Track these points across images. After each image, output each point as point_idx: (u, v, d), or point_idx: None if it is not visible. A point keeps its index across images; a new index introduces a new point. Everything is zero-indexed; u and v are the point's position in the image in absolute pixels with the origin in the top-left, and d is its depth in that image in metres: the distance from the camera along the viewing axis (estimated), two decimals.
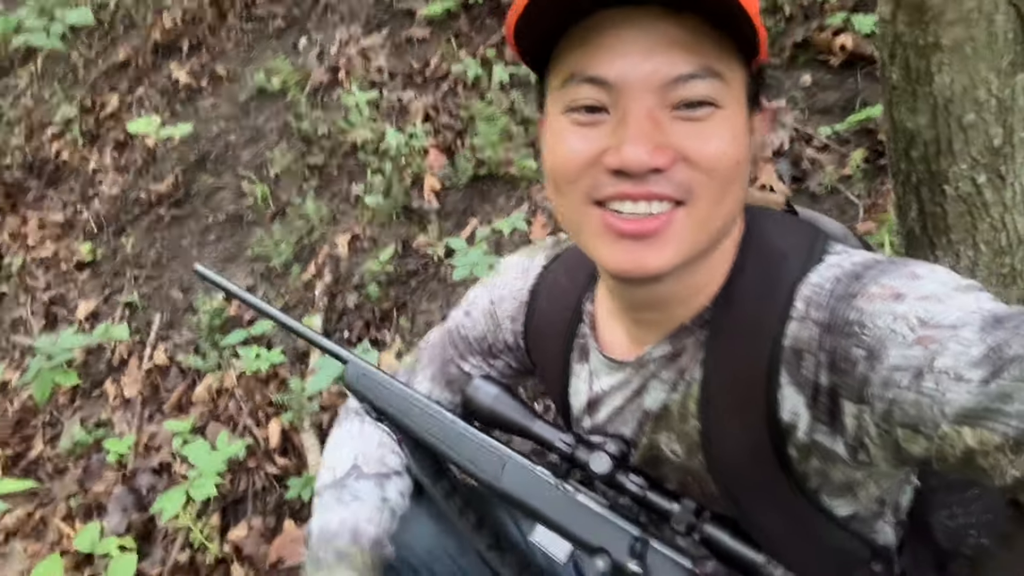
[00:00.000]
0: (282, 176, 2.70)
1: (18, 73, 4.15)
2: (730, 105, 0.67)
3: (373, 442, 1.08)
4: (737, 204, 0.72)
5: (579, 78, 0.66)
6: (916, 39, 0.90)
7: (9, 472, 2.42)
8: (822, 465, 0.75)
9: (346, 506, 1.01)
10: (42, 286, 2.97)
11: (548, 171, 0.73)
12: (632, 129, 0.64)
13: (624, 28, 0.64)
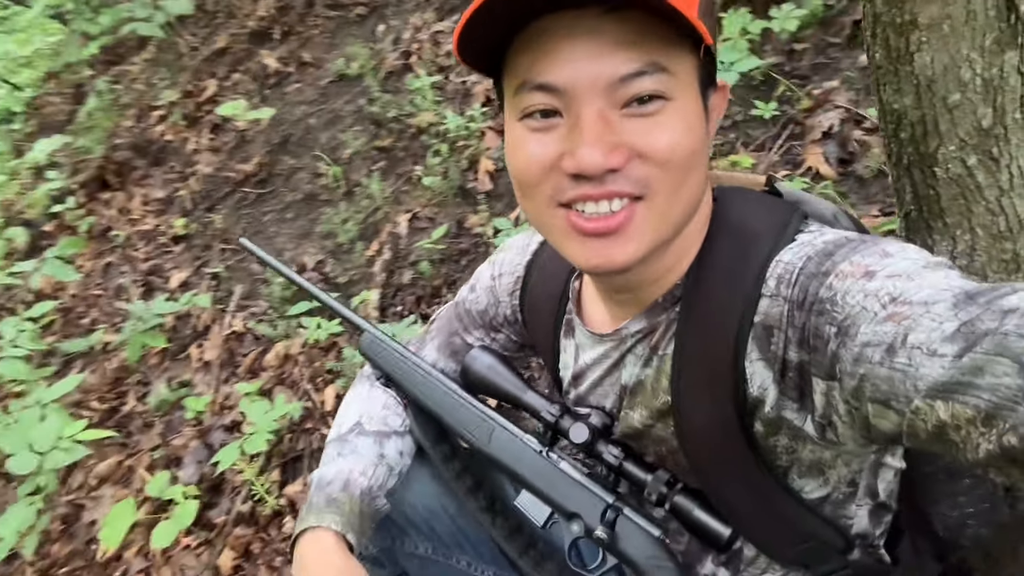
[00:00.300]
0: (354, 158, 2.83)
1: (132, 60, 4.50)
2: (681, 95, 0.68)
3: (379, 404, 1.16)
4: (697, 190, 0.73)
5: (529, 86, 0.68)
6: (894, 17, 0.89)
7: (104, 423, 2.67)
8: (791, 443, 0.77)
9: (344, 458, 1.08)
10: (142, 257, 3.24)
11: (512, 176, 0.76)
12: (585, 133, 0.66)
13: (569, 32, 0.65)
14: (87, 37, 4.31)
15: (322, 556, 0.96)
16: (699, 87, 0.71)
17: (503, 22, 0.66)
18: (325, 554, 0.96)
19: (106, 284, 3.28)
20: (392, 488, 1.10)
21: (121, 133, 3.90)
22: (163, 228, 3.30)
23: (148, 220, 3.39)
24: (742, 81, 2.14)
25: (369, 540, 1.17)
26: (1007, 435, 0.48)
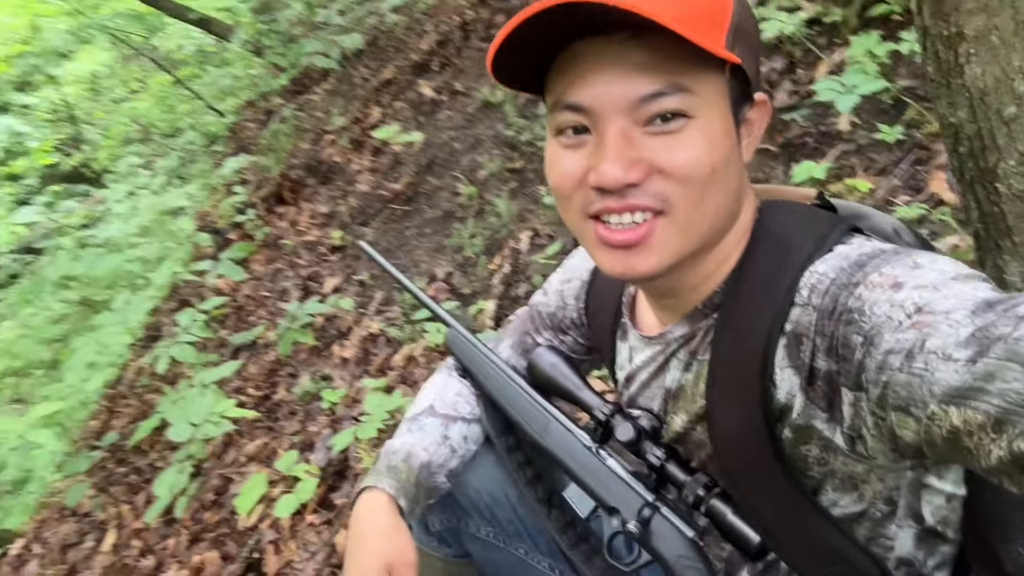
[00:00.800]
0: (489, 178, 3.02)
1: (314, 90, 5.02)
2: (704, 113, 0.71)
3: (452, 391, 1.24)
4: (724, 204, 0.76)
5: (561, 105, 0.74)
6: (941, 30, 0.89)
7: (257, 408, 3.01)
8: (822, 454, 0.77)
9: (412, 434, 1.17)
10: (304, 264, 3.61)
11: (551, 187, 0.82)
12: (607, 149, 0.71)
13: (597, 57, 0.71)
14: (279, 69, 4.87)
15: (372, 514, 1.05)
16: (729, 104, 0.74)
17: (533, 48, 0.73)
18: (375, 512, 1.05)
19: (273, 287, 3.68)
20: (454, 469, 1.19)
21: (298, 154, 4.37)
22: (323, 239, 3.65)
23: (312, 232, 3.77)
24: (868, 104, 2.07)
25: (436, 517, 1.28)
26: (1017, 441, 0.48)
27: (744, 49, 0.73)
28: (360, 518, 1.06)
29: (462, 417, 1.22)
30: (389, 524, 1.04)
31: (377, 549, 1.02)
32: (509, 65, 0.76)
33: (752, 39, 0.77)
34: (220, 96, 6.71)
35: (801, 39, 2.41)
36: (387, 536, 1.03)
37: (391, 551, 1.02)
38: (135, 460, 3.49)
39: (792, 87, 2.42)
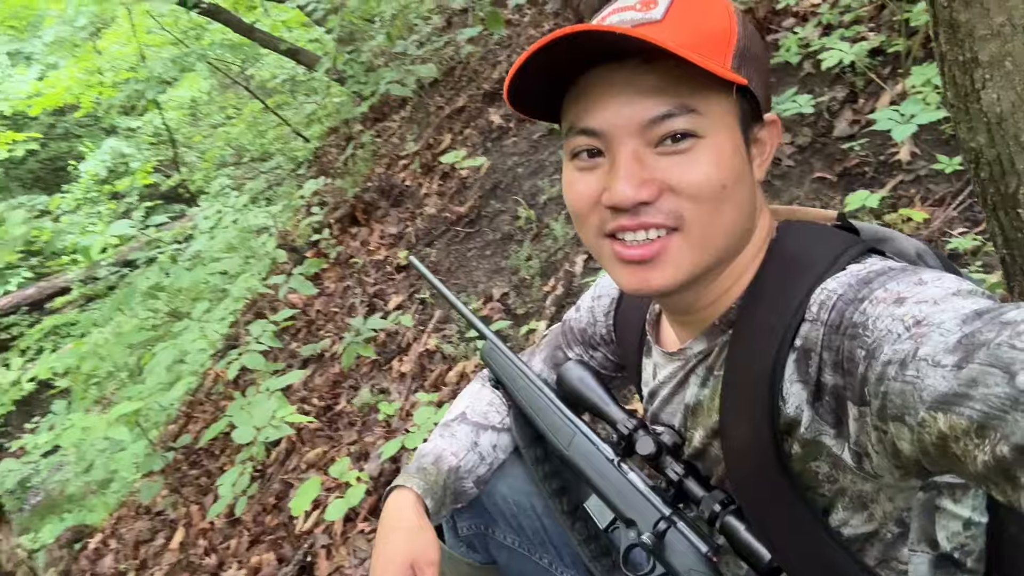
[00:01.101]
0: (548, 203, 3.08)
1: (392, 118, 5.23)
2: (713, 133, 0.74)
3: (484, 401, 1.29)
4: (738, 219, 0.79)
5: (575, 130, 0.78)
6: (957, 56, 0.90)
7: (319, 418, 3.13)
8: (831, 471, 0.78)
9: (443, 439, 1.22)
10: (371, 282, 3.75)
11: (569, 209, 0.86)
12: (620, 170, 0.74)
13: (608, 82, 0.75)
14: (360, 97, 5.10)
15: (399, 512, 1.11)
16: (738, 124, 0.77)
17: (548, 77, 0.78)
18: (402, 511, 1.10)
19: (342, 303, 3.83)
20: (482, 476, 1.23)
21: (373, 178, 4.55)
22: (391, 259, 3.79)
23: (381, 252, 3.91)
24: (928, 135, 2.04)
25: (464, 522, 1.32)
26: (999, 445, 0.49)
27: (751, 71, 0.77)
28: (388, 515, 1.11)
29: (492, 426, 1.26)
30: (414, 522, 1.09)
31: (401, 545, 1.06)
32: (526, 93, 0.81)
33: (760, 61, 0.80)
34: (306, 123, 7.05)
35: (863, 69, 2.39)
36: (412, 534, 1.08)
37: (415, 548, 1.06)
38: (206, 463, 3.68)
39: (853, 116, 2.40)
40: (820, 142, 2.42)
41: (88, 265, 8.75)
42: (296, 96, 8.30)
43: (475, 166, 3.53)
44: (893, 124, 2.00)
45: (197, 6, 5.41)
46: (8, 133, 9.33)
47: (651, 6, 0.77)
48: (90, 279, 8.24)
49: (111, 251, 8.62)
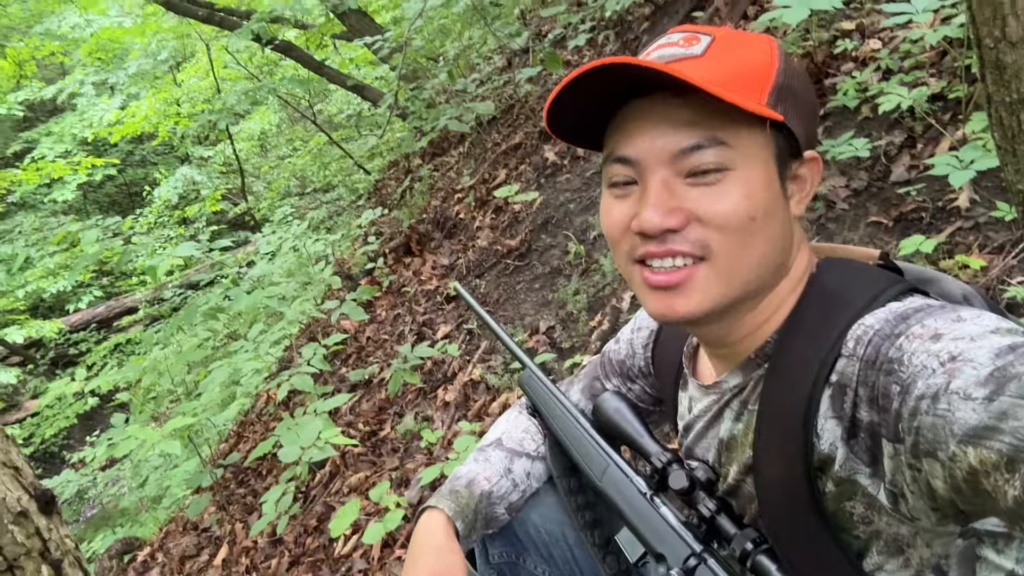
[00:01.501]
0: (598, 239, 3.10)
1: (451, 153, 5.35)
2: (744, 166, 0.76)
3: (520, 428, 1.31)
4: (767, 253, 0.79)
5: (612, 158, 0.81)
6: (1003, 97, 0.90)
7: (364, 443, 3.17)
8: (866, 512, 0.77)
9: (478, 463, 1.23)
10: (421, 311, 3.81)
11: (604, 231, 0.89)
12: (649, 197, 0.77)
13: (644, 114, 0.78)
14: (421, 133, 5.23)
15: (429, 532, 1.12)
16: (773, 158, 0.79)
17: (588, 107, 0.81)
18: (432, 531, 1.11)
19: (392, 330, 3.90)
20: (514, 503, 1.23)
21: (429, 210, 4.65)
22: (441, 289, 3.85)
23: (432, 282, 3.98)
24: (988, 181, 1.99)
25: (496, 549, 1.33)
26: None
27: (790, 107, 0.78)
28: (418, 535, 1.13)
29: (527, 453, 1.26)
30: (443, 543, 1.09)
31: (429, 566, 1.07)
32: (570, 123, 0.85)
33: (801, 99, 0.81)
34: (368, 156, 7.26)
35: (923, 114, 2.36)
36: (440, 554, 1.09)
37: (441, 569, 1.06)
38: (253, 482, 3.75)
39: (910, 162, 2.36)
40: (876, 186, 2.38)
41: (155, 286, 9.10)
42: (360, 131, 8.57)
43: (528, 200, 3.58)
44: (951, 170, 1.97)
45: (271, 42, 5.66)
46: (89, 158, 9.85)
47: (693, 43, 0.80)
48: (156, 300, 8.57)
49: (177, 273, 8.93)
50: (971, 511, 0.63)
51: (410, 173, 5.49)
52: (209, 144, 11.89)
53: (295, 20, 6.27)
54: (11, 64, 9.61)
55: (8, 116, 10.37)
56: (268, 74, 8.18)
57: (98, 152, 11.47)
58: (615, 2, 3.96)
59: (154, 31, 8.78)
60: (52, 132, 10.85)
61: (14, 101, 9.91)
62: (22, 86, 10.39)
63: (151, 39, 9.10)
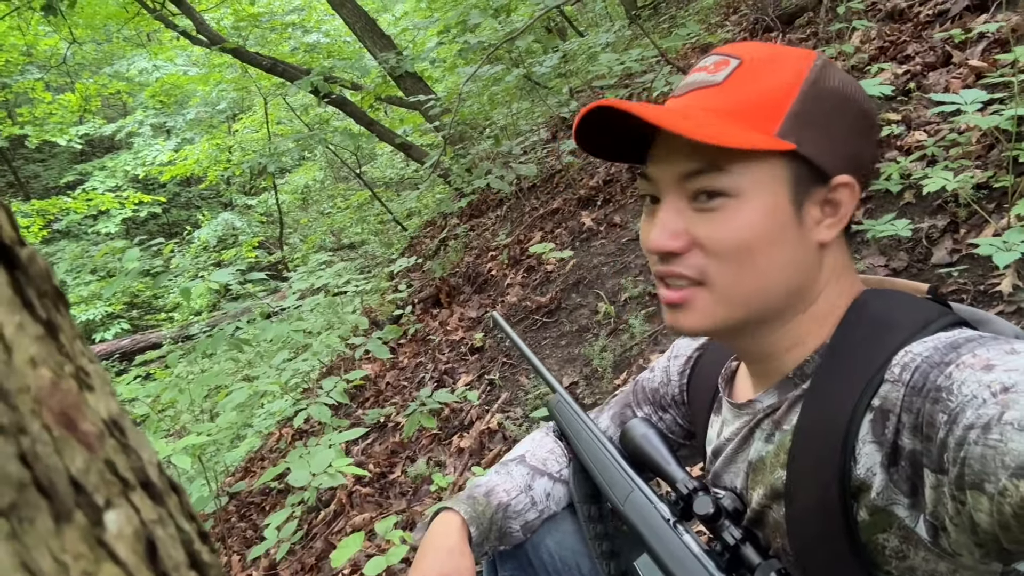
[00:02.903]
0: (628, 301, 3.10)
1: (488, 216, 5.44)
2: (747, 193, 0.76)
3: (545, 448, 1.29)
4: (770, 280, 0.79)
5: (638, 172, 0.86)
6: None
7: (372, 485, 3.12)
8: (901, 545, 0.75)
9: (498, 475, 1.22)
10: (444, 360, 3.80)
11: None
12: (657, 219, 0.80)
13: (663, 136, 0.81)
14: (461, 194, 5.35)
15: (442, 532, 1.10)
16: (787, 186, 0.77)
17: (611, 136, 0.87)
18: (445, 534, 1.09)
19: (413, 377, 3.88)
20: (530, 522, 1.20)
21: (461, 265, 4.70)
22: (466, 340, 3.85)
23: (458, 333, 3.98)
24: None
25: (507, 572, 1.29)
26: None
27: (813, 133, 0.77)
28: (431, 534, 1.11)
29: (549, 473, 1.24)
30: (455, 544, 1.07)
31: (438, 563, 1.05)
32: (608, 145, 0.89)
33: (832, 120, 0.80)
34: (406, 214, 7.41)
35: (967, 200, 2.36)
36: (450, 553, 1.06)
37: (449, 568, 1.04)
38: (255, 517, 3.68)
39: (952, 246, 2.35)
40: (916, 267, 2.37)
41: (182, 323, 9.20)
42: (400, 193, 8.79)
43: (561, 258, 3.60)
44: (995, 251, 1.95)
45: (328, 96, 5.90)
46: (137, 194, 10.17)
47: (721, 68, 0.81)
48: (182, 338, 8.66)
49: (205, 315, 9.04)
50: (1016, 549, 0.60)
51: (446, 230, 5.58)
52: (253, 194, 12.23)
53: (351, 82, 6.54)
54: (78, 99, 10.09)
55: (67, 148, 10.82)
56: (319, 128, 8.48)
57: (147, 190, 11.86)
58: (662, 82, 4.09)
59: (216, 81, 9.21)
60: (106, 167, 11.27)
61: (75, 134, 10.36)
62: (84, 120, 10.87)
63: (213, 89, 9.54)
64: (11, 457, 0.18)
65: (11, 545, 0.18)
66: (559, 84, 5.94)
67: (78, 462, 0.21)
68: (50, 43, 9.55)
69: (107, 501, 0.22)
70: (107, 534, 0.21)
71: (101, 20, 8.52)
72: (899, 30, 3.68)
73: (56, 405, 0.21)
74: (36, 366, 0.21)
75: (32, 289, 0.24)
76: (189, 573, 0.25)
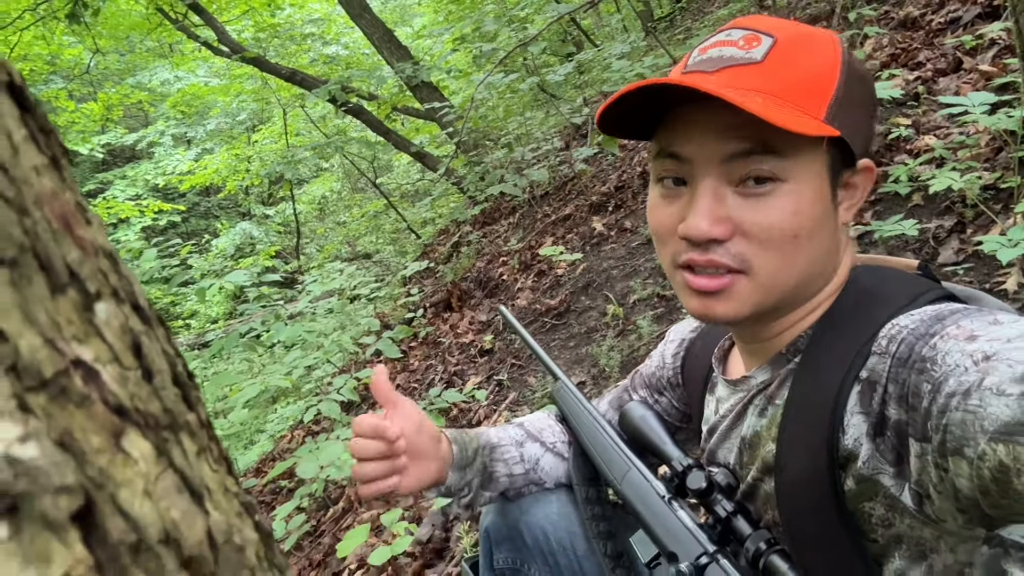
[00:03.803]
0: (637, 303, 3.11)
1: (501, 223, 5.48)
2: (796, 178, 0.74)
3: (544, 422, 1.31)
4: (810, 266, 0.79)
5: (664, 153, 0.80)
6: None
7: None
8: (887, 514, 0.76)
9: (492, 429, 1.25)
10: (454, 362, 3.82)
11: (650, 229, 0.87)
12: (698, 204, 0.76)
13: (698, 115, 0.77)
14: (474, 201, 5.39)
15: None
16: (827, 170, 0.76)
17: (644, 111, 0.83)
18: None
19: (423, 379, 3.91)
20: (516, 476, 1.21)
21: (473, 270, 4.73)
22: (476, 343, 3.87)
23: (468, 336, 4.01)
24: None
25: (501, 555, 1.30)
26: None
27: (847, 118, 0.77)
28: None
29: (542, 441, 1.27)
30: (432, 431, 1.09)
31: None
32: (620, 123, 0.85)
33: (862, 106, 0.80)
34: (421, 223, 7.47)
35: (974, 200, 2.37)
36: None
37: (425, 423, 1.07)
38: (265, 515, 3.71)
39: (959, 245, 2.36)
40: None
41: (198, 332, 9.30)
42: (415, 204, 8.86)
43: (571, 261, 3.63)
44: (1000, 247, 1.96)
45: (345, 105, 5.98)
46: (157, 203, 10.31)
47: (754, 44, 0.78)
48: (197, 345, 8.75)
49: (222, 322, 9.13)
50: (997, 515, 0.61)
51: (459, 237, 5.62)
52: (271, 204, 12.37)
53: (367, 92, 6.63)
54: (100, 108, 10.29)
55: (89, 157, 11.02)
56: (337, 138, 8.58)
57: (167, 199, 12.03)
58: None
59: (237, 92, 9.35)
60: (127, 176, 11.46)
61: (97, 143, 10.55)
62: (107, 130, 11.06)
63: (233, 99, 9.68)
64: (14, 223, 0.21)
65: (12, 291, 0.21)
66: (574, 95, 6.00)
67: (73, 255, 0.24)
68: (74, 53, 9.77)
69: (98, 293, 0.25)
70: (96, 318, 0.24)
71: (124, 31, 8.71)
72: (911, 37, 3.69)
73: (56, 208, 0.24)
74: (40, 175, 0.25)
75: (39, 130, 0.27)
76: (172, 386, 0.28)
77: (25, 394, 0.20)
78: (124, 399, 0.24)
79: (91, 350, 0.23)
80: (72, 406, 0.21)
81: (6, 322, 0.20)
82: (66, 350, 0.22)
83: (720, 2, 7.08)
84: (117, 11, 8.17)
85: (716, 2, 7.30)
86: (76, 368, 0.22)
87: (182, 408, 0.28)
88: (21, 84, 0.27)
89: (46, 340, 0.21)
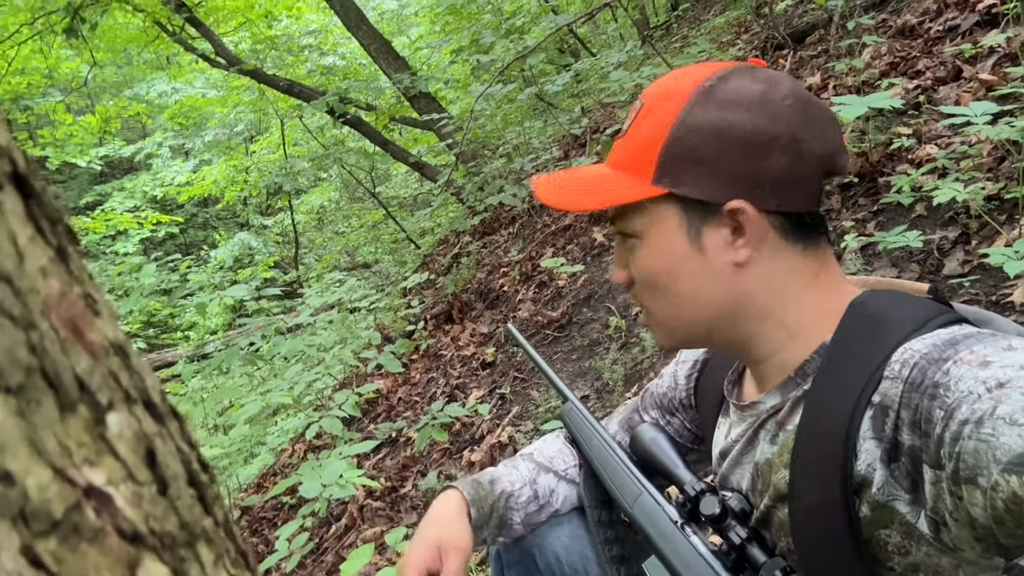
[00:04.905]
0: (639, 316, 3.10)
1: (501, 233, 5.47)
2: (651, 232, 0.85)
3: (554, 448, 1.30)
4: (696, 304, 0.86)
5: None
6: None
7: (383, 499, 3.12)
8: (903, 541, 0.75)
9: (504, 468, 1.24)
10: (456, 375, 3.80)
11: None
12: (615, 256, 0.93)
13: None
14: (473, 212, 5.38)
15: (441, 509, 1.12)
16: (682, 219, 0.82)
17: None
18: (444, 509, 1.12)
19: (424, 392, 3.89)
20: (531, 514, 1.20)
21: (473, 282, 4.72)
22: (478, 355, 3.86)
23: (470, 348, 3.99)
24: None
25: (512, 574, 1.29)
26: None
27: (687, 172, 0.80)
28: (432, 509, 1.13)
29: (554, 471, 1.25)
30: (454, 514, 1.10)
31: (434, 528, 1.08)
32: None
33: (699, 157, 0.81)
34: (421, 233, 7.46)
35: (979, 211, 2.36)
36: (448, 521, 1.09)
37: (446, 532, 1.07)
38: (267, 532, 3.68)
39: (964, 257, 2.35)
40: (928, 278, 2.36)
41: (198, 343, 9.27)
42: (413, 213, 8.85)
43: (572, 272, 3.61)
44: (1006, 259, 1.95)
45: (343, 116, 5.97)
46: (155, 214, 10.30)
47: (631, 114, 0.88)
48: (197, 357, 8.73)
49: (221, 334, 9.11)
50: (1012, 544, 0.60)
51: (458, 247, 5.61)
52: (269, 214, 12.36)
53: (365, 103, 6.62)
54: (98, 120, 10.28)
55: (87, 169, 11.01)
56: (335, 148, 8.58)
57: (165, 210, 12.03)
58: None
59: (235, 103, 9.35)
60: (125, 187, 11.44)
61: (95, 155, 10.53)
62: (104, 142, 11.05)
63: (230, 111, 9.68)
64: (20, 344, 0.20)
65: (19, 421, 0.19)
66: (571, 104, 5.99)
67: (83, 364, 0.23)
68: (71, 66, 9.77)
69: (110, 403, 0.23)
70: (109, 432, 0.23)
71: (122, 43, 8.71)
72: (909, 46, 3.69)
73: (64, 312, 0.23)
74: (46, 276, 0.23)
75: (45, 219, 0.25)
76: (187, 489, 0.26)
77: (35, 542, 0.18)
78: (139, 523, 0.22)
79: (103, 472, 0.22)
80: (85, 544, 0.20)
81: (13, 461, 0.18)
82: (77, 478, 0.20)
83: (716, 10, 7.09)
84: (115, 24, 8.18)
85: (712, 10, 7.31)
86: (88, 498, 0.20)
87: (198, 514, 0.26)
88: (26, 172, 0.25)
89: (56, 472, 0.20)
